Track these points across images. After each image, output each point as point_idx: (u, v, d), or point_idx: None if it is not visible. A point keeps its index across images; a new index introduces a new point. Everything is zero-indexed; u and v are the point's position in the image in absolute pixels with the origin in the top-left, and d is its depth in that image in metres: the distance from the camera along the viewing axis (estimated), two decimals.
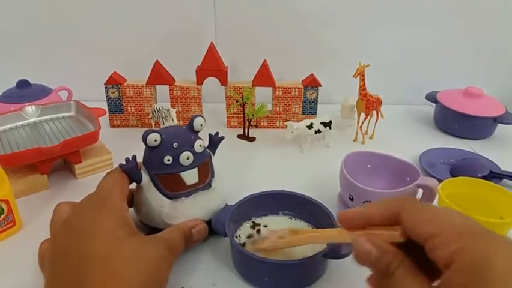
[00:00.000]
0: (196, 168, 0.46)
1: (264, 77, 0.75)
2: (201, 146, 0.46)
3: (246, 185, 0.58)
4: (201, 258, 0.46)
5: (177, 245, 0.41)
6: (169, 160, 0.44)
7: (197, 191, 0.46)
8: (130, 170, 0.43)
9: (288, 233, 0.41)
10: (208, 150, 0.48)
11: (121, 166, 0.43)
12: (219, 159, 0.50)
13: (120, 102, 0.76)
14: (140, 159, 0.45)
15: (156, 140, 0.43)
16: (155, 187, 0.45)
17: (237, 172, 0.63)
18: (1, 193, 0.47)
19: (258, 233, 0.46)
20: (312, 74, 0.77)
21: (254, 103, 0.76)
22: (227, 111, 0.78)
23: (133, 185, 0.45)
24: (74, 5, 0.83)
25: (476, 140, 0.78)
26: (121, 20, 0.84)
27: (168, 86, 0.75)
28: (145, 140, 0.43)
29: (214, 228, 0.45)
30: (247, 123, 0.75)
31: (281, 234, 0.41)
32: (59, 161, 0.61)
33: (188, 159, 0.45)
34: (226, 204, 0.49)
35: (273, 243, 0.41)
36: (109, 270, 0.33)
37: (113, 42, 0.86)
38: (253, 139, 0.75)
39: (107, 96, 0.75)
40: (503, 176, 0.62)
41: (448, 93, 0.82)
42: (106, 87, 0.74)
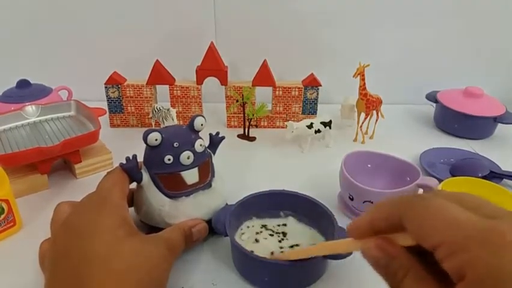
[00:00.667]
0: (196, 168, 0.46)
1: (264, 77, 0.75)
2: (201, 145, 0.46)
3: (246, 185, 0.58)
4: (201, 258, 0.46)
5: (177, 244, 0.41)
6: (169, 159, 0.44)
7: (197, 191, 0.46)
8: (130, 169, 0.43)
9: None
10: (208, 150, 0.48)
11: (122, 165, 0.43)
12: (219, 159, 0.50)
13: (120, 102, 0.76)
14: (140, 158, 0.45)
15: (157, 140, 0.43)
16: (156, 186, 0.45)
17: (237, 172, 0.63)
18: (1, 193, 0.47)
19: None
20: (312, 74, 0.77)
21: (254, 103, 0.76)
22: (227, 111, 0.78)
23: (134, 184, 0.45)
24: (74, 5, 0.83)
25: (476, 140, 0.78)
26: (121, 20, 0.84)
27: (168, 85, 0.75)
28: (145, 140, 0.43)
29: (215, 227, 0.45)
30: (247, 123, 0.75)
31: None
32: (59, 161, 0.61)
33: (188, 158, 0.45)
34: (227, 203, 0.49)
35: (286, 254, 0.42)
36: (109, 270, 0.33)
37: (113, 42, 0.86)
38: (253, 139, 0.75)
39: (107, 96, 0.75)
40: (503, 176, 0.62)
41: (448, 93, 0.82)
42: (106, 87, 0.74)
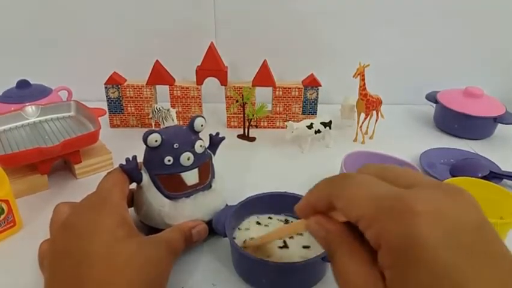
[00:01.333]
0: (196, 169, 0.46)
1: (264, 77, 0.75)
2: (201, 146, 0.46)
3: (246, 185, 0.58)
4: (201, 259, 0.46)
5: (177, 245, 0.41)
6: (169, 160, 0.44)
7: (197, 192, 0.46)
8: (130, 170, 0.43)
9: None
10: (208, 151, 0.48)
11: (122, 166, 0.43)
12: (219, 160, 0.50)
13: (120, 102, 0.76)
14: (140, 159, 0.45)
15: (157, 141, 0.43)
16: (156, 187, 0.45)
17: (237, 172, 0.63)
18: (1, 193, 0.47)
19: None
20: (312, 74, 0.77)
21: (254, 103, 0.76)
22: (227, 111, 0.78)
23: (133, 185, 0.45)
24: (74, 5, 0.83)
25: (476, 140, 0.78)
26: (121, 20, 0.84)
27: (168, 86, 0.75)
28: (145, 141, 0.43)
29: (215, 228, 0.45)
30: (247, 123, 0.75)
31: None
32: (59, 161, 0.61)
33: (188, 159, 0.45)
34: (227, 204, 0.49)
35: (250, 242, 0.43)
36: (108, 271, 0.33)
37: (113, 42, 0.86)
38: (253, 139, 0.75)
39: (107, 96, 0.75)
40: (503, 176, 0.62)
41: (448, 93, 0.82)
42: (106, 87, 0.74)
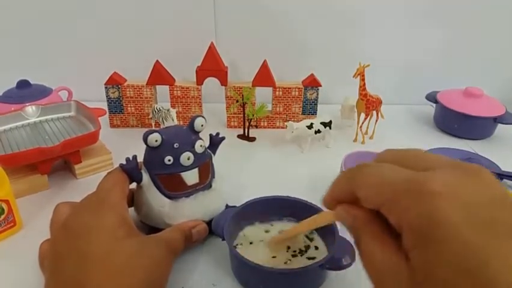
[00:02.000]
0: (196, 169, 0.46)
1: (264, 77, 0.75)
2: (201, 146, 0.46)
3: (246, 185, 0.58)
4: (201, 259, 0.46)
5: (177, 245, 0.41)
6: (169, 160, 0.44)
7: (197, 191, 0.46)
8: (130, 170, 0.43)
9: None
10: (208, 151, 0.48)
11: (122, 166, 0.43)
12: (219, 160, 0.50)
13: (120, 102, 0.76)
14: (140, 159, 0.45)
15: (157, 141, 0.43)
16: (156, 187, 0.45)
17: (237, 172, 0.63)
18: (1, 193, 0.47)
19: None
20: (312, 74, 0.77)
21: (254, 103, 0.76)
22: (227, 111, 0.78)
23: (133, 184, 0.45)
24: (74, 5, 0.83)
25: (476, 140, 0.78)
26: (121, 20, 0.84)
27: (168, 86, 0.75)
28: (145, 140, 0.43)
29: (215, 231, 0.45)
30: (247, 123, 0.75)
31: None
32: (59, 161, 0.61)
33: (188, 159, 0.45)
34: (227, 204, 0.49)
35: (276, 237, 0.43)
36: (108, 271, 0.33)
37: (113, 42, 0.86)
38: (253, 139, 0.75)
39: (107, 96, 0.75)
40: (503, 176, 0.62)
41: (448, 93, 0.82)
42: (106, 87, 0.74)
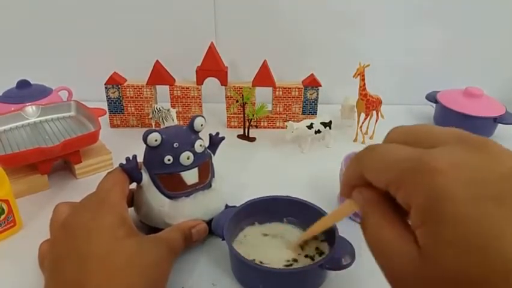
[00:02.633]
0: (196, 168, 0.46)
1: (264, 77, 0.75)
2: (201, 146, 0.46)
3: (246, 185, 0.58)
4: (201, 258, 0.46)
5: (177, 244, 0.41)
6: (169, 160, 0.44)
7: (197, 191, 0.46)
8: (130, 170, 0.44)
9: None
10: (208, 151, 0.48)
11: (122, 166, 0.43)
12: (219, 160, 0.50)
13: (120, 102, 0.76)
14: (140, 159, 0.45)
15: (157, 140, 0.43)
16: (156, 187, 0.45)
17: (237, 172, 0.63)
18: (1, 193, 0.47)
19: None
20: (312, 74, 0.77)
21: (254, 103, 0.76)
22: (227, 111, 0.78)
23: (133, 184, 0.45)
24: (74, 5, 0.83)
25: None
26: (121, 20, 0.84)
27: (168, 86, 0.75)
28: (145, 140, 0.43)
29: (215, 231, 0.45)
30: (247, 123, 0.75)
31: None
32: (59, 161, 0.61)
33: (188, 159, 0.45)
34: (227, 204, 0.49)
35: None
36: (108, 271, 0.33)
37: (113, 42, 0.86)
38: (253, 139, 0.75)
39: (107, 96, 0.75)
40: None
41: (448, 93, 0.82)
42: (106, 87, 0.74)
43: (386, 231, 0.24)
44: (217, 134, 0.51)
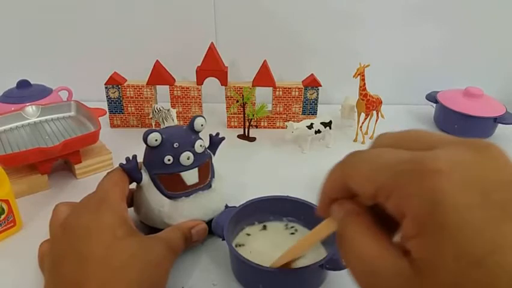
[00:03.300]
0: (196, 168, 0.46)
1: (264, 77, 0.75)
2: (201, 146, 0.46)
3: (246, 185, 0.58)
4: (201, 259, 0.46)
5: (177, 245, 0.41)
6: (169, 160, 0.44)
7: (197, 191, 0.46)
8: (130, 170, 0.44)
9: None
10: (208, 151, 0.48)
11: (122, 166, 0.43)
12: (219, 160, 0.50)
13: (120, 102, 0.76)
14: (140, 159, 0.45)
15: (157, 140, 0.43)
16: (156, 187, 0.45)
17: (237, 172, 0.63)
18: (1, 193, 0.47)
19: None
20: (312, 74, 0.77)
21: (254, 103, 0.76)
22: (227, 111, 0.78)
23: (133, 184, 0.45)
24: (74, 5, 0.83)
25: None
26: (121, 20, 0.85)
27: (168, 86, 0.75)
28: (145, 140, 0.43)
29: (215, 231, 0.45)
30: (247, 124, 0.75)
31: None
32: (59, 161, 0.61)
33: (188, 159, 0.45)
34: (227, 205, 0.49)
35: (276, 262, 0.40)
36: (108, 271, 0.33)
37: (113, 42, 0.86)
38: (253, 139, 0.75)
39: (107, 96, 0.75)
40: None
41: (448, 93, 0.82)
42: (106, 87, 0.74)
43: (370, 246, 0.22)
44: (217, 134, 0.51)
